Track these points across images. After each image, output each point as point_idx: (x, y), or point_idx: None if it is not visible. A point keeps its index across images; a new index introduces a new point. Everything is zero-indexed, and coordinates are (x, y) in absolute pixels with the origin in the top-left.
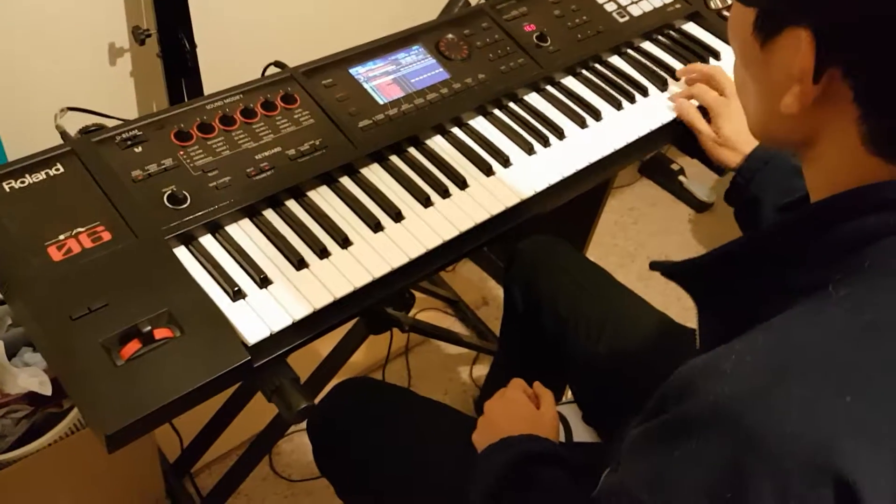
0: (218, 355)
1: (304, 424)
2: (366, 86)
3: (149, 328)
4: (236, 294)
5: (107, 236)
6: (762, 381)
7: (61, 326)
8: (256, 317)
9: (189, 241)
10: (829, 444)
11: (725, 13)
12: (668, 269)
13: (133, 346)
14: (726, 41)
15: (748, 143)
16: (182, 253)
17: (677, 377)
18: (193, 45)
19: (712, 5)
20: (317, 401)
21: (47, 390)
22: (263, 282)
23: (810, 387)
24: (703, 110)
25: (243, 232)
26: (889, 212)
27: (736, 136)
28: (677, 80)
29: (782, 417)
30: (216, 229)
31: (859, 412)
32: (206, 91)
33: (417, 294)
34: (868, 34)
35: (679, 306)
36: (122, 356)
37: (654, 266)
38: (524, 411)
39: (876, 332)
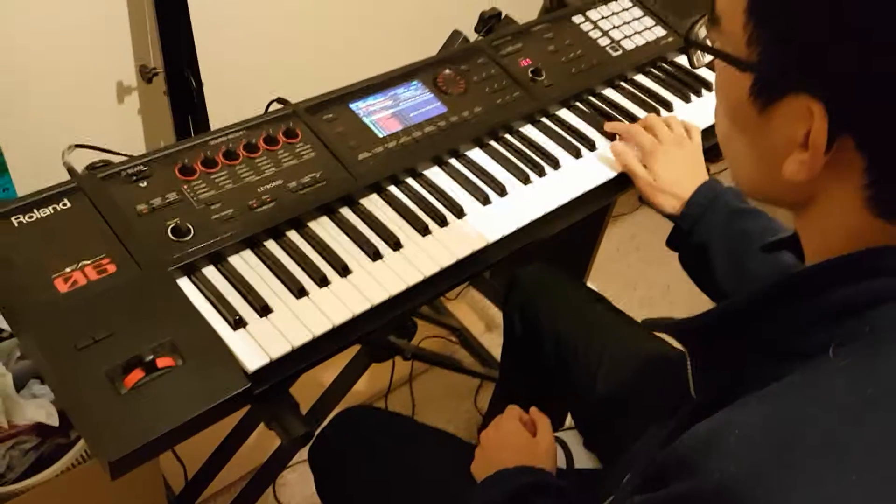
0: (218, 383)
1: (305, 455)
2: (365, 120)
3: (151, 357)
4: (237, 323)
5: (111, 268)
6: (766, 459)
7: (66, 356)
8: (256, 345)
9: (192, 271)
10: None
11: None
12: (660, 329)
13: (136, 375)
14: None
15: (686, 189)
16: (185, 283)
17: (680, 448)
18: (200, 83)
19: (697, 62)
20: (319, 430)
21: (55, 421)
22: (264, 310)
23: (814, 467)
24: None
25: (245, 262)
26: (889, 277)
27: (672, 181)
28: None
29: (787, 499)
30: (218, 260)
31: (864, 493)
32: (213, 127)
33: (420, 322)
34: (888, 103)
35: None
36: (126, 385)
37: (647, 324)
38: (519, 440)
39: (879, 407)
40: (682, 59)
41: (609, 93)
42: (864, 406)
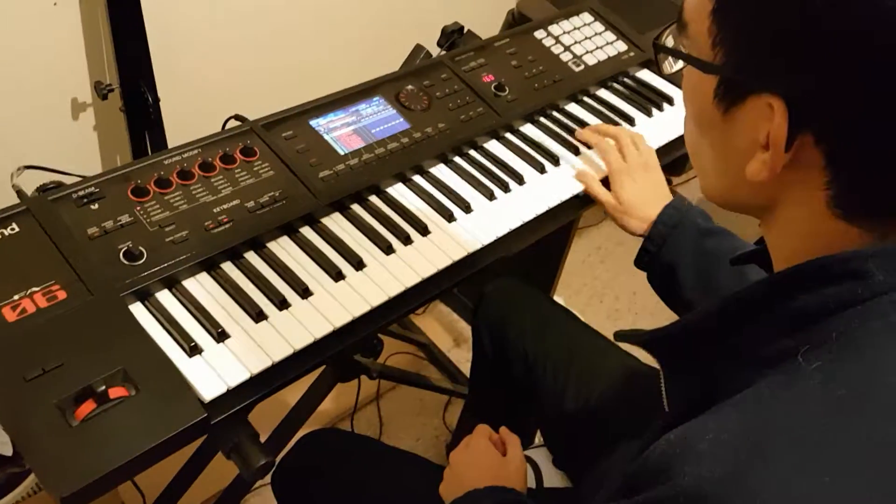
0: (173, 413)
1: (269, 479)
2: (326, 137)
3: (103, 387)
4: (192, 350)
5: (62, 295)
6: (738, 462)
7: (15, 388)
8: (213, 372)
9: (145, 297)
10: None
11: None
12: (633, 341)
13: (88, 407)
14: (680, 87)
15: (652, 210)
16: (138, 309)
17: (651, 455)
18: (156, 99)
19: (666, 69)
20: (282, 454)
21: (7, 451)
22: (220, 336)
23: (786, 469)
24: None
25: (201, 286)
26: (855, 281)
27: (637, 203)
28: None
29: (761, 500)
30: (173, 284)
31: (837, 493)
32: (170, 144)
33: (387, 338)
34: (845, 100)
35: None
36: (77, 417)
37: (619, 337)
38: (489, 460)
39: (848, 409)
40: (644, 74)
41: (572, 108)
42: (835, 408)
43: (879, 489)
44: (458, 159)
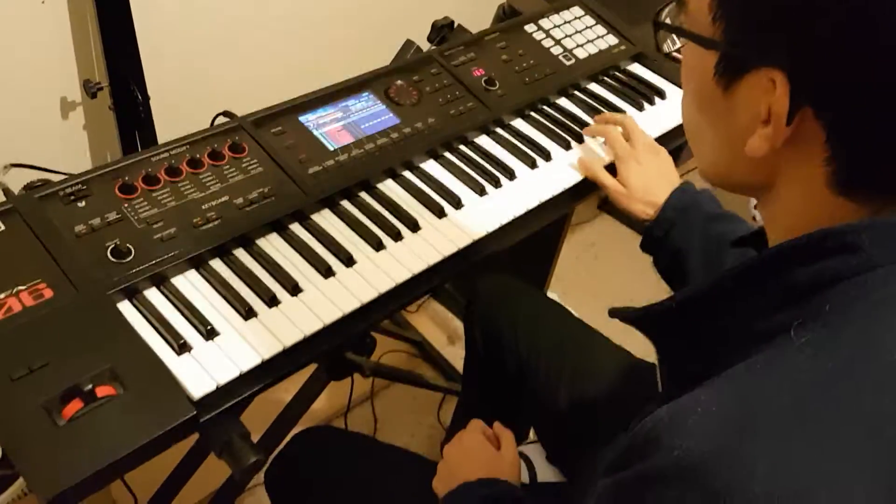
0: (162, 411)
1: (262, 478)
2: (315, 133)
3: (90, 386)
4: (181, 347)
5: (48, 294)
6: (727, 435)
7: (1, 388)
8: (202, 370)
9: (133, 294)
10: (798, 498)
11: (676, 55)
12: (626, 317)
13: (75, 406)
14: (670, 80)
15: (659, 194)
16: (125, 307)
17: (642, 429)
18: (146, 97)
19: (665, 48)
20: (276, 452)
21: None
22: (210, 333)
23: (776, 441)
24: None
25: (189, 283)
26: (848, 254)
27: (645, 187)
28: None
29: (749, 474)
30: (161, 282)
31: (827, 464)
32: (160, 142)
33: (380, 336)
34: (846, 71)
35: (642, 340)
36: (64, 416)
37: (613, 313)
38: (483, 454)
39: (838, 381)
40: (635, 68)
41: (563, 102)
42: (824, 381)
43: (868, 462)
44: (448, 155)
